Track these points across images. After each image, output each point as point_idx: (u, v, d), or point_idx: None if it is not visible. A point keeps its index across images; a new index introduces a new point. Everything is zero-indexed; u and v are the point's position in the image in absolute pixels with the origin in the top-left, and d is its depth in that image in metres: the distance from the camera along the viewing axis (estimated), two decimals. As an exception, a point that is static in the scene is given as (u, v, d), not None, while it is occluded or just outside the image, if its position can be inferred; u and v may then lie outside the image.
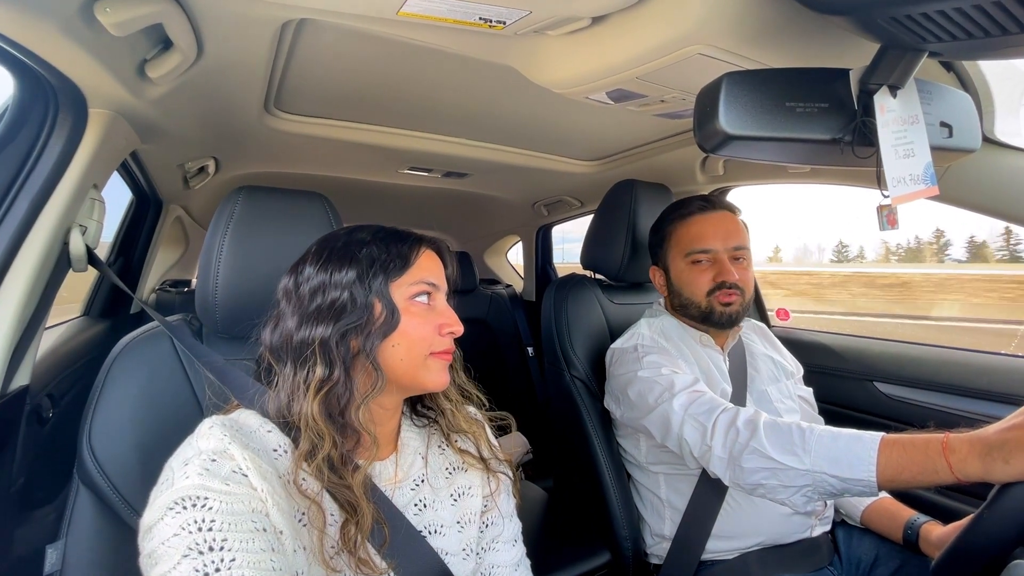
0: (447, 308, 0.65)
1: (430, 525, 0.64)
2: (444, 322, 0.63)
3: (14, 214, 0.73)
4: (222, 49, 0.83)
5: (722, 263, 1.02)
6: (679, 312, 1.09)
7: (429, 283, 0.63)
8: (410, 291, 0.62)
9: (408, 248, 0.64)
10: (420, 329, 0.61)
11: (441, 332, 0.62)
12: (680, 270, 1.07)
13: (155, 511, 0.47)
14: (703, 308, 1.03)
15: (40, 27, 0.59)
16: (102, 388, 0.72)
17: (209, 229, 0.78)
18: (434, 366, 0.62)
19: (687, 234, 1.06)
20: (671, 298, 1.11)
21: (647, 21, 0.71)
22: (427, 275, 0.63)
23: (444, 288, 0.66)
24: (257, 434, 0.57)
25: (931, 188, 0.60)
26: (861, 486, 0.70)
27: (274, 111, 1.17)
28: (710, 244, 1.03)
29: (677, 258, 1.07)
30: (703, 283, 1.03)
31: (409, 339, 0.60)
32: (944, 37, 0.51)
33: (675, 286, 1.08)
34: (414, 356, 0.61)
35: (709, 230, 1.04)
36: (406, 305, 0.61)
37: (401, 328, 0.60)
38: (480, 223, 2.59)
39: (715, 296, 1.02)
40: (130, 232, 1.59)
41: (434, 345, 0.62)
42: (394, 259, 0.62)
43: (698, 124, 0.61)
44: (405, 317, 0.60)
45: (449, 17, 0.71)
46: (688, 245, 1.05)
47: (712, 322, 1.04)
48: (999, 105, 0.89)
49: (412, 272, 0.62)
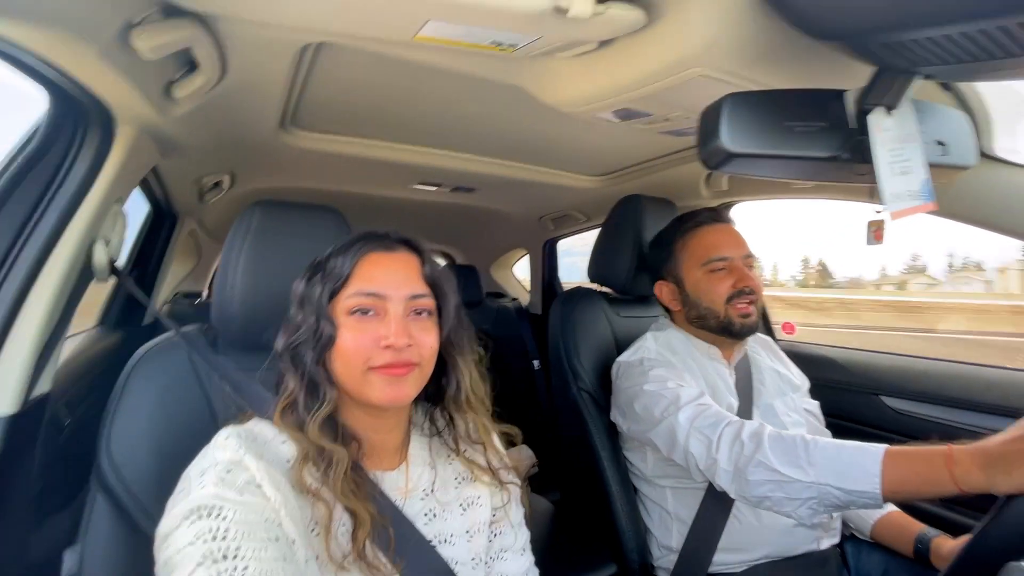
0: (395, 317, 0.59)
1: (440, 535, 0.64)
2: (383, 334, 0.58)
3: (43, 227, 0.76)
4: (244, 70, 0.86)
5: (740, 270, 1.03)
6: (695, 324, 1.08)
7: (367, 293, 0.60)
8: (346, 305, 0.60)
9: (349, 256, 0.62)
10: (356, 342, 0.59)
11: (379, 344, 0.58)
12: (697, 279, 1.06)
13: (172, 520, 0.48)
14: (722, 318, 1.02)
15: (81, 51, 0.63)
16: (121, 396, 0.74)
17: (226, 242, 0.81)
18: (376, 381, 0.58)
19: (702, 243, 1.06)
20: (686, 310, 1.09)
21: (652, 45, 0.73)
22: (366, 285, 0.60)
23: (400, 294, 0.61)
24: (271, 444, 0.58)
25: (928, 204, 0.62)
26: (866, 498, 0.70)
27: (290, 128, 1.20)
28: (726, 252, 1.04)
29: (693, 268, 1.06)
30: (723, 290, 1.02)
31: (344, 354, 0.59)
32: (935, 61, 0.53)
33: (692, 297, 1.07)
34: (352, 371, 0.59)
35: (723, 238, 1.05)
36: (345, 319, 0.60)
37: (338, 343, 0.59)
38: (487, 236, 2.61)
39: (733, 304, 1.01)
40: (146, 244, 1.63)
41: (372, 359, 0.58)
42: (334, 271, 0.61)
43: (701, 142, 0.63)
44: (342, 331, 0.59)
45: (463, 41, 0.74)
46: (705, 254, 1.05)
47: (731, 332, 1.03)
48: (997, 123, 0.91)
49: (351, 283, 0.61)
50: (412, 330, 0.60)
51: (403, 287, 0.61)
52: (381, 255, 0.63)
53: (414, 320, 0.62)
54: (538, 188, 1.71)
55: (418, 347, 0.60)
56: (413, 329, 0.61)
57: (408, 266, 0.64)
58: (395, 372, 0.59)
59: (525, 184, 1.65)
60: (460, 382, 0.68)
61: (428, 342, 0.62)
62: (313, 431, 0.57)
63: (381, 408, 0.61)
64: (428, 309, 0.63)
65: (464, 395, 0.69)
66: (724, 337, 1.06)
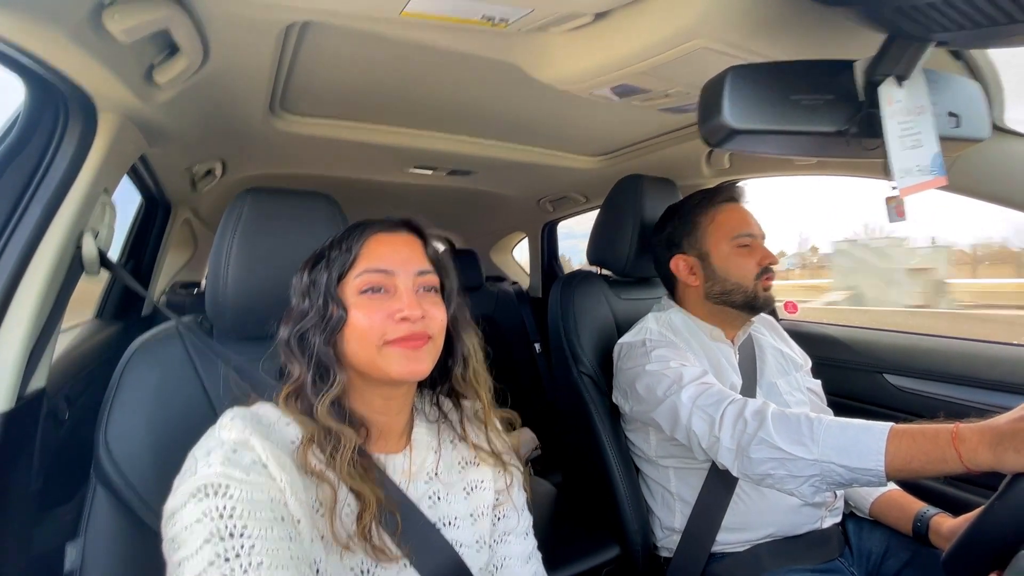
0: (406, 291, 0.61)
1: (444, 517, 0.65)
2: (397, 307, 0.59)
3: (27, 220, 0.74)
4: (227, 53, 0.83)
5: (764, 248, 1.04)
6: (718, 299, 1.06)
7: (377, 270, 0.61)
8: (356, 284, 0.61)
9: (354, 239, 0.63)
10: (369, 319, 0.59)
11: (394, 318, 0.59)
12: (726, 254, 1.04)
13: (179, 497, 0.49)
14: (749, 292, 1.02)
15: (49, 34, 0.60)
16: (117, 389, 0.74)
17: (218, 231, 0.79)
18: (393, 355, 0.59)
19: (730, 218, 1.05)
20: (708, 285, 1.06)
21: (649, 16, 0.70)
22: (374, 263, 0.61)
23: (408, 270, 0.62)
24: (276, 426, 0.59)
25: (939, 178, 0.60)
26: (869, 476, 0.70)
27: (280, 112, 1.18)
28: (753, 229, 1.05)
29: (721, 242, 1.05)
30: (751, 266, 1.02)
31: (359, 331, 0.60)
32: (951, 26, 0.51)
33: (720, 272, 1.04)
34: (368, 347, 0.59)
35: (748, 216, 1.06)
36: (355, 299, 0.61)
37: (350, 322, 0.60)
38: (486, 220, 2.59)
39: (761, 281, 1.02)
40: (140, 235, 1.61)
41: (387, 333, 0.59)
42: (341, 254, 0.62)
43: (702, 119, 0.61)
44: (354, 310, 0.60)
45: (452, 16, 0.71)
46: (735, 228, 1.04)
47: (754, 307, 1.04)
48: (1009, 92, 0.88)
49: (358, 264, 0.62)
50: (423, 303, 0.62)
51: (410, 263, 0.63)
52: (385, 235, 0.64)
53: (423, 296, 0.63)
54: (536, 170, 1.68)
55: (431, 319, 0.61)
56: (423, 302, 0.62)
57: (412, 245, 0.65)
58: (412, 344, 0.60)
59: (523, 166, 1.62)
60: (467, 359, 0.70)
61: (439, 315, 0.63)
62: (322, 412, 0.58)
63: (397, 384, 0.63)
64: (435, 286, 0.65)
65: (471, 371, 0.70)
66: (743, 312, 1.05)
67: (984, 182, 0.96)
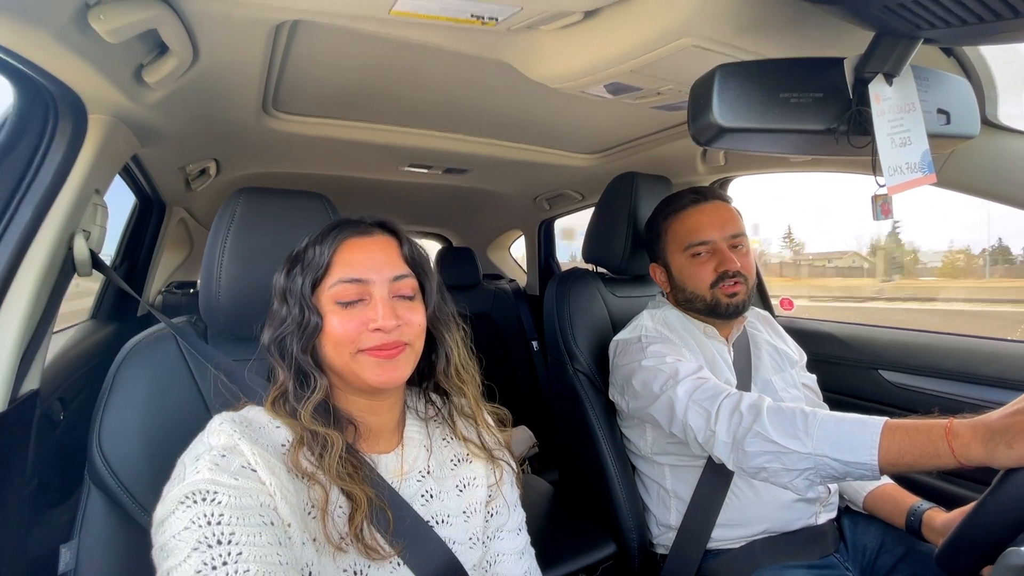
0: (380, 300, 0.60)
1: (437, 515, 0.65)
2: (370, 317, 0.60)
3: (18, 221, 0.74)
4: (217, 52, 0.83)
5: (722, 252, 1.01)
6: (685, 307, 1.09)
7: (351, 280, 0.61)
8: (331, 294, 0.61)
9: (327, 244, 0.62)
10: (343, 327, 0.60)
11: (368, 328, 0.60)
12: (681, 265, 1.06)
13: (167, 505, 0.49)
14: (708, 301, 1.03)
15: (35, 35, 0.60)
16: (110, 390, 0.74)
17: (211, 232, 0.79)
18: (367, 363, 0.60)
19: (683, 227, 1.06)
20: (675, 293, 1.10)
21: (639, 14, 0.70)
22: (347, 271, 0.61)
23: (383, 276, 0.61)
24: (266, 430, 0.59)
25: (928, 176, 0.60)
26: (863, 469, 0.70)
27: (272, 112, 1.17)
28: (707, 235, 1.03)
29: (676, 253, 1.07)
30: (705, 275, 1.02)
31: (333, 339, 0.60)
32: (939, 23, 0.50)
33: (677, 282, 1.07)
34: (341, 355, 0.60)
35: (704, 221, 1.04)
36: (330, 307, 0.60)
37: (326, 329, 0.60)
38: (482, 218, 2.59)
39: (719, 288, 1.01)
40: (134, 235, 1.61)
41: (361, 342, 0.60)
42: (314, 260, 0.62)
43: (692, 117, 0.61)
44: (329, 317, 0.60)
45: (441, 15, 0.71)
46: (686, 238, 1.04)
47: (719, 314, 1.03)
48: (1002, 89, 0.88)
49: (332, 272, 0.61)
50: (399, 310, 0.61)
51: (384, 269, 0.62)
52: (358, 240, 0.63)
53: (399, 301, 0.62)
54: (532, 168, 1.68)
55: (407, 326, 0.61)
56: (399, 309, 0.61)
57: (387, 248, 0.64)
58: (387, 354, 0.60)
59: (518, 164, 1.62)
60: (449, 356, 0.70)
61: (416, 320, 0.63)
62: (306, 417, 0.58)
63: (375, 390, 0.62)
64: (412, 289, 0.64)
65: (454, 368, 0.70)
66: (710, 318, 1.06)
67: (976, 178, 0.96)
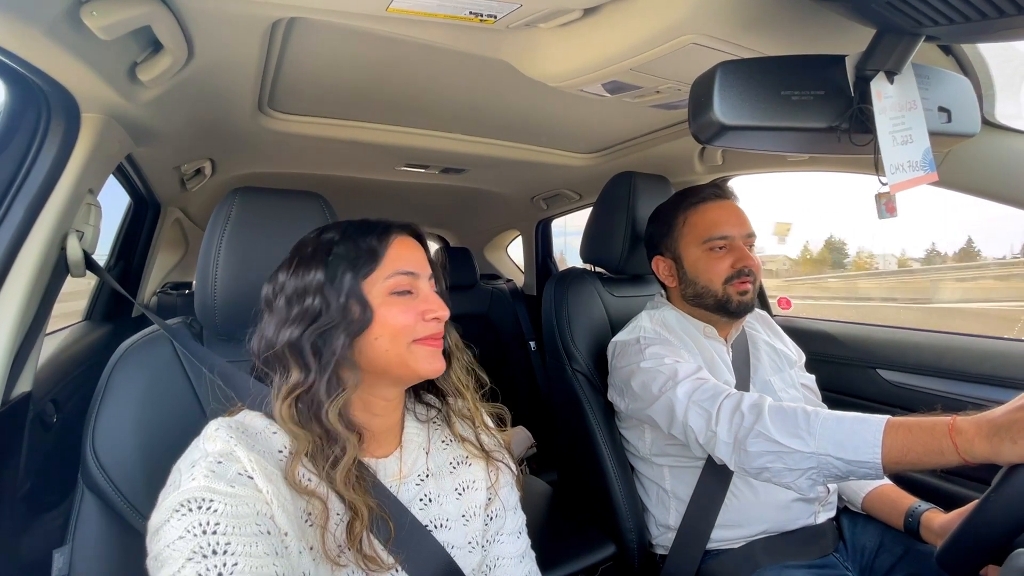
0: (430, 293, 0.64)
1: (436, 519, 0.65)
2: (427, 308, 0.62)
3: (10, 221, 0.73)
4: (213, 50, 0.82)
5: (740, 249, 1.01)
6: (692, 302, 1.07)
7: (405, 272, 0.62)
8: (387, 285, 0.61)
9: (376, 240, 0.63)
10: (400, 318, 0.61)
11: (424, 318, 0.62)
12: (696, 257, 1.04)
13: (162, 512, 0.48)
14: (719, 297, 1.01)
15: (25, 31, 0.59)
16: (104, 393, 0.73)
17: (206, 232, 0.78)
18: (421, 353, 0.61)
19: (703, 220, 1.04)
20: (683, 288, 1.07)
21: (639, 11, 0.70)
22: (402, 265, 0.62)
23: (426, 272, 0.65)
24: (262, 435, 0.58)
25: (930, 174, 0.59)
26: (866, 468, 0.70)
27: (268, 111, 1.16)
28: (728, 231, 1.02)
29: (692, 245, 1.05)
30: (722, 270, 1.01)
31: (390, 329, 0.60)
32: (941, 20, 0.50)
33: (689, 275, 1.05)
34: (398, 346, 0.60)
35: (725, 216, 1.03)
36: (383, 299, 0.61)
37: (380, 319, 0.60)
38: (479, 218, 2.58)
39: (733, 284, 1.00)
40: (129, 236, 1.59)
41: (417, 332, 0.61)
42: (362, 254, 0.61)
43: (693, 115, 0.61)
44: (383, 309, 0.60)
45: (439, 12, 0.70)
46: (706, 231, 1.03)
47: (728, 311, 1.02)
48: (1000, 88, 0.88)
49: (385, 265, 0.62)
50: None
51: (426, 267, 0.65)
52: (404, 238, 0.66)
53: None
54: (529, 167, 1.67)
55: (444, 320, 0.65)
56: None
57: (420, 249, 0.67)
58: (436, 344, 0.63)
59: (516, 163, 1.61)
60: (451, 356, 0.71)
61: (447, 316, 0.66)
62: (333, 416, 0.57)
63: (412, 382, 0.66)
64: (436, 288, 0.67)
65: (454, 369, 0.71)
66: (720, 316, 1.05)
67: (975, 177, 0.96)
